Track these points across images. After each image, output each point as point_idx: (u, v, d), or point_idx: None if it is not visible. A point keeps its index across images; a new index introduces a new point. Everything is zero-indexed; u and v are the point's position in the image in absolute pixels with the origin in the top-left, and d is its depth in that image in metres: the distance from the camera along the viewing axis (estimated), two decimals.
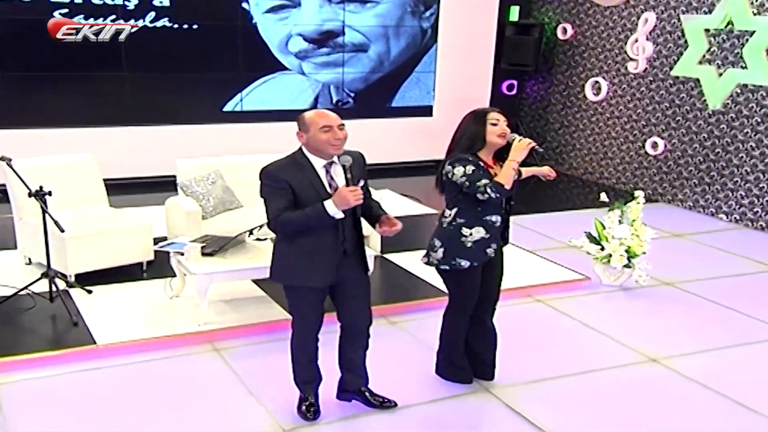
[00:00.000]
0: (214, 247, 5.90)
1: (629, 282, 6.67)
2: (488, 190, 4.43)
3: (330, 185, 4.20)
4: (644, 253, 6.52)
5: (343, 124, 4.18)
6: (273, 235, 6.13)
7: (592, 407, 4.82)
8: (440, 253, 4.68)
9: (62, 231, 5.57)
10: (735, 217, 8.89)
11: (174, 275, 6.36)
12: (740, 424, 4.70)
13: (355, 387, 4.70)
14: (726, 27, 8.81)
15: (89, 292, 6.10)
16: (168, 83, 9.80)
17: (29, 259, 6.74)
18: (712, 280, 7.02)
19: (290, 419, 4.53)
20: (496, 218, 4.61)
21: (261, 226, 6.24)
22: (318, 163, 4.20)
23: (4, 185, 6.71)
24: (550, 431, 4.52)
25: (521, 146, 4.47)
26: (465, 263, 4.64)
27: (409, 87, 11.13)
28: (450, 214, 4.67)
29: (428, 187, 5.57)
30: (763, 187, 8.56)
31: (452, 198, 4.66)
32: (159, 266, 6.70)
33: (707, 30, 9.03)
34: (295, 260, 4.31)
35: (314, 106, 10.60)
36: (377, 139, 10.43)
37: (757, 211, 8.65)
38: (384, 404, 4.69)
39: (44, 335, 5.51)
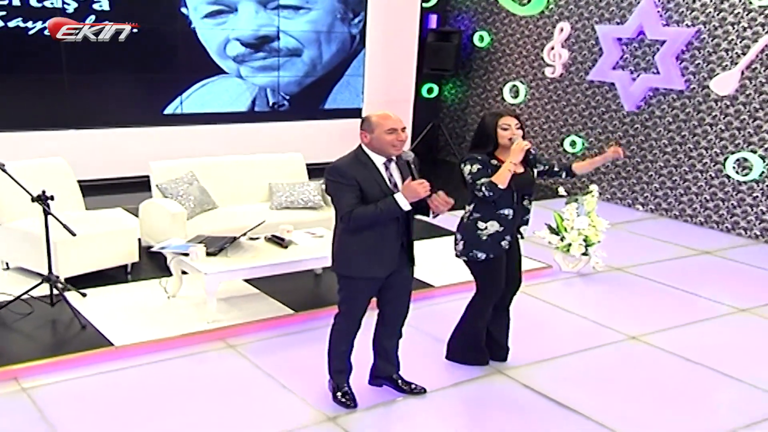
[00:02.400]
0: (213, 247, 5.86)
1: (586, 268, 7.03)
2: (483, 189, 4.64)
3: (389, 181, 4.33)
4: (599, 241, 6.92)
5: (405, 127, 4.31)
6: (265, 235, 6.25)
7: (596, 380, 5.11)
8: (461, 245, 4.88)
9: (74, 235, 5.39)
10: (650, 208, 9.49)
11: (163, 276, 6.31)
12: (722, 388, 5.09)
13: (387, 374, 4.82)
14: (638, 36, 9.38)
15: (84, 295, 5.94)
16: (107, 86, 9.52)
17: (6, 264, 6.46)
18: (653, 264, 7.49)
19: (331, 408, 4.59)
20: (508, 211, 4.78)
21: (258, 225, 6.28)
22: (378, 160, 4.32)
23: None
24: (567, 404, 4.76)
25: (517, 149, 4.66)
26: (481, 255, 4.82)
27: (341, 90, 11.23)
28: (469, 209, 4.86)
29: None
30: (676, 180, 9.19)
31: (470, 193, 4.83)
32: (142, 268, 6.65)
33: (620, 39, 9.57)
34: (359, 252, 4.38)
35: (252, 109, 10.59)
36: (311, 139, 10.56)
37: (671, 202, 9.27)
38: (414, 390, 4.80)
39: (56, 339, 5.39)
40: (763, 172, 8.39)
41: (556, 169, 5.16)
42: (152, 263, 6.69)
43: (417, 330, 5.46)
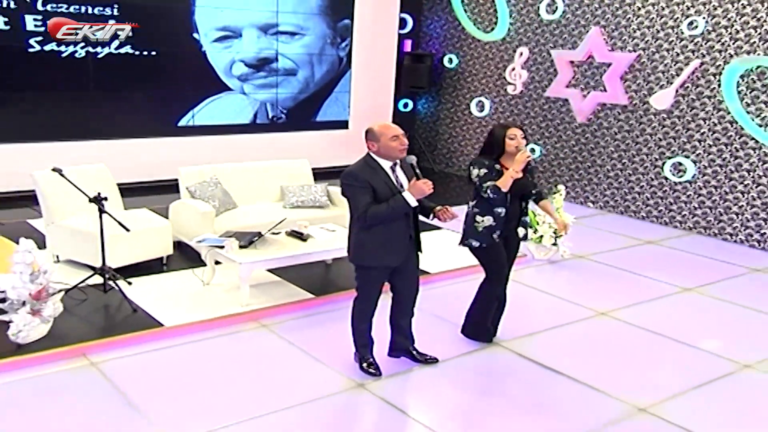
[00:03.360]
0: (243, 241, 5.95)
1: (556, 257, 7.21)
2: (488, 192, 4.74)
3: (396, 182, 4.41)
4: (566, 233, 7.13)
5: (404, 133, 4.41)
6: (285, 230, 6.33)
7: (576, 348, 5.28)
8: (462, 234, 5.01)
9: (128, 230, 5.44)
10: (600, 205, 9.72)
11: (193, 266, 6.38)
12: (676, 352, 5.30)
13: (404, 347, 4.90)
14: (588, 59, 9.63)
15: (130, 283, 5.96)
16: (128, 101, 9.47)
17: (57, 257, 6.46)
18: (609, 252, 7.67)
19: (359, 376, 4.67)
20: (501, 210, 4.87)
21: (280, 222, 6.37)
22: (386, 165, 4.40)
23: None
24: (554, 368, 4.93)
25: (521, 158, 4.75)
26: (475, 243, 4.92)
27: (330, 104, 11.26)
28: (471, 205, 4.95)
29: None
30: (621, 181, 9.44)
31: (473, 191, 4.94)
32: (175, 260, 6.66)
33: (572, 61, 9.83)
34: (373, 245, 4.43)
35: (254, 121, 10.61)
36: (305, 147, 10.59)
37: (617, 200, 9.53)
38: (428, 360, 4.90)
39: (113, 321, 5.40)
40: (694, 174, 8.68)
41: (534, 194, 5.14)
42: (183, 255, 6.70)
43: (420, 311, 5.55)
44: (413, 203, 4.33)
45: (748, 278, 7.13)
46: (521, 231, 5.07)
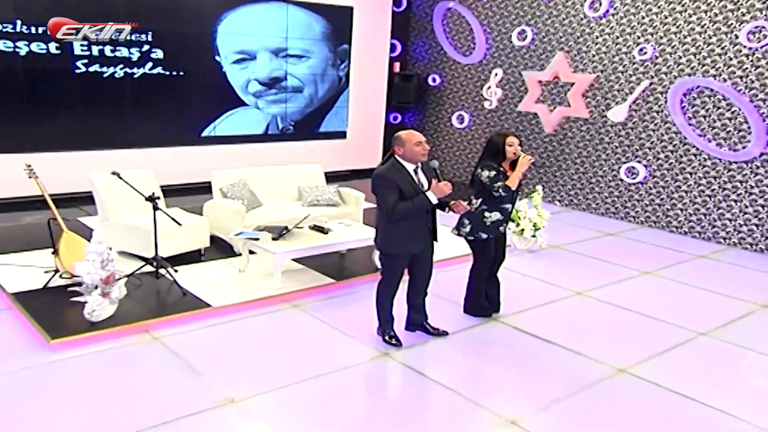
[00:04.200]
0: (275, 234, 6.06)
1: (535, 247, 7.37)
2: (500, 191, 4.92)
3: (418, 182, 4.52)
4: (544, 226, 7.33)
5: (426, 140, 4.55)
6: (308, 224, 6.42)
7: (561, 322, 5.46)
8: (468, 228, 5.10)
9: (180, 225, 5.54)
10: (565, 203, 9.87)
11: (225, 257, 6.46)
12: (645, 324, 5.50)
13: (419, 322, 5.02)
14: (554, 79, 9.85)
15: (176, 271, 6.01)
16: (159, 115, 9.45)
17: (110, 248, 6.48)
18: (578, 243, 7.83)
19: (384, 347, 4.81)
20: (507, 206, 5.07)
21: (305, 218, 6.49)
22: (410, 167, 4.51)
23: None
24: (545, 338, 5.10)
25: (525, 162, 4.95)
26: (484, 235, 5.08)
27: (331, 118, 11.31)
28: (476, 203, 5.06)
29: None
30: (584, 182, 9.63)
31: (479, 191, 5.05)
32: (210, 251, 6.68)
33: (541, 81, 10.02)
34: (397, 236, 4.55)
35: (266, 132, 10.66)
36: (309, 154, 10.65)
37: (581, 198, 9.70)
38: (440, 333, 5.03)
39: (167, 303, 5.45)
40: (645, 176, 8.90)
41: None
42: (217, 247, 6.73)
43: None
44: (434, 201, 4.46)
45: (694, 263, 7.39)
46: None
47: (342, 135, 11.51)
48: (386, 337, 4.88)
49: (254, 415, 3.92)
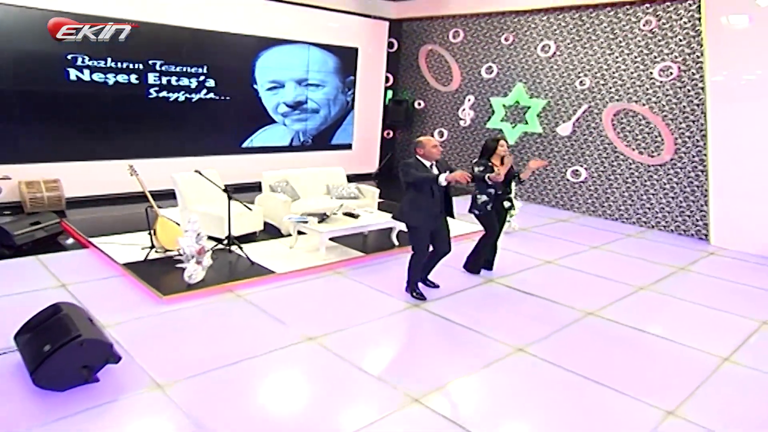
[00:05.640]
0: (319, 218, 6.26)
1: (509, 230, 7.48)
2: (487, 181, 5.24)
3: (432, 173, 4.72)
4: (515, 215, 7.53)
5: (441, 143, 4.82)
6: (341, 212, 6.58)
7: (541, 280, 5.67)
8: (470, 207, 5.46)
9: (250, 210, 5.68)
10: (524, 198, 10.17)
11: (274, 237, 6.49)
12: (607, 285, 5.71)
13: (422, 277, 5.23)
14: (515, 103, 10.17)
15: (241, 248, 6.14)
16: (209, 130, 9.51)
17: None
18: (541, 227, 8.01)
19: (411, 301, 5.00)
20: (492, 191, 5.35)
21: (340, 207, 6.68)
22: (427, 163, 4.73)
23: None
24: (530, 291, 5.34)
25: (507, 162, 5.25)
26: (476, 212, 5.38)
27: (340, 133, 11.37)
28: (474, 189, 5.43)
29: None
30: (539, 182, 9.96)
31: (472, 180, 5.34)
32: (262, 234, 6.70)
33: (504, 105, 10.31)
34: (416, 213, 4.74)
35: (291, 144, 10.75)
36: (324, 162, 10.83)
37: (537, 194, 9.92)
38: (433, 286, 5.25)
39: (239, 270, 5.52)
40: (586, 177, 9.19)
41: (515, 177, 5.59)
42: (268, 230, 6.78)
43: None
44: (443, 182, 4.63)
45: (625, 240, 7.69)
46: (506, 203, 5.55)
47: (348, 147, 11.63)
48: (414, 294, 5.09)
49: (330, 347, 4.12)
